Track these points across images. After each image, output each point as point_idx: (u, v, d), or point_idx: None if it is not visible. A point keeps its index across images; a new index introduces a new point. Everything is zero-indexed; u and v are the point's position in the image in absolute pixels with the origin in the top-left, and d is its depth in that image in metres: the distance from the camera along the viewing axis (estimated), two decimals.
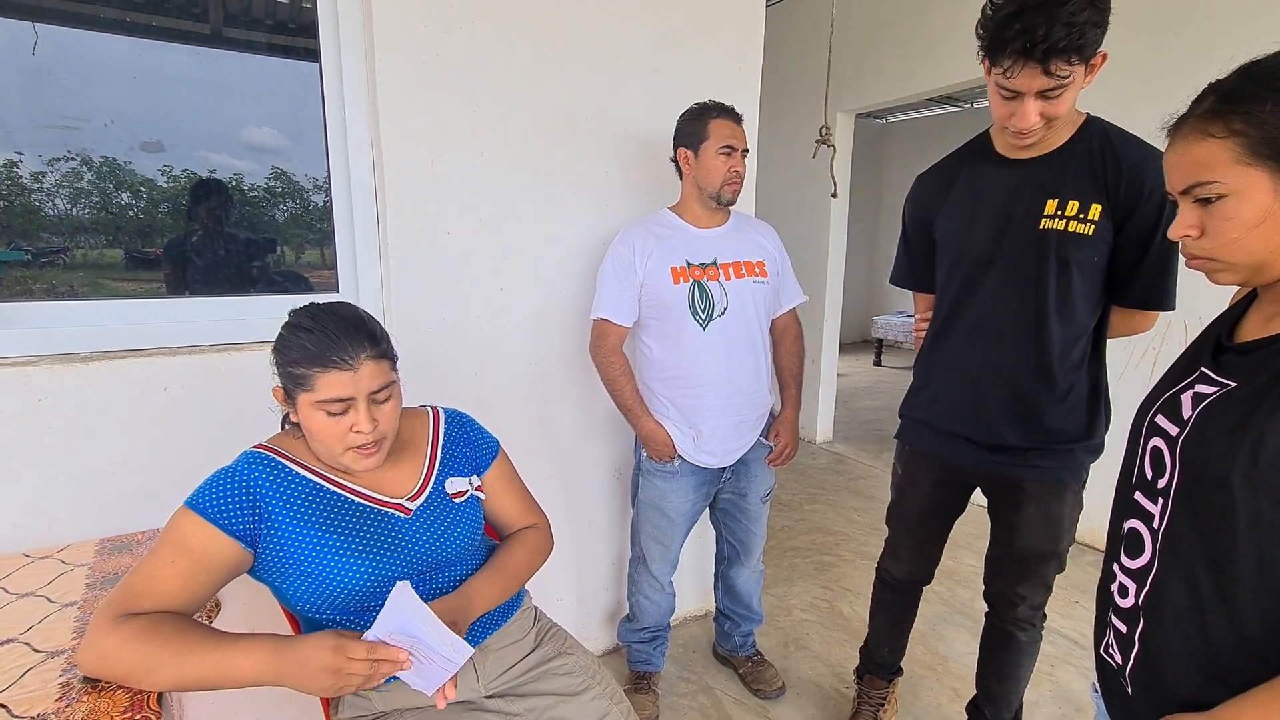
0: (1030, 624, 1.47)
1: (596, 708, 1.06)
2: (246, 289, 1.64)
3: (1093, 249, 1.19)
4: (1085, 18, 1.01)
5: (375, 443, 0.96)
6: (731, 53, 1.97)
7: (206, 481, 0.93)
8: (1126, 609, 0.74)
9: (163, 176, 1.50)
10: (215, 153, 1.54)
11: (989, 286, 1.29)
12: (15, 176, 1.35)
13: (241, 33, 1.56)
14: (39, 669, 0.84)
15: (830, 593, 2.51)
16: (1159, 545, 0.71)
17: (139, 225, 1.53)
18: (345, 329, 0.93)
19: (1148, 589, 0.71)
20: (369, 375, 0.93)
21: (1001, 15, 1.07)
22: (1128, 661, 0.73)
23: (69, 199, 1.42)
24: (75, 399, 1.26)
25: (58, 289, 1.44)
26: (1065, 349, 1.25)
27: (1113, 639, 0.77)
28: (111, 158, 1.43)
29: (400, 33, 1.47)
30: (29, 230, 1.40)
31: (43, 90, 1.33)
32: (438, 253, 1.60)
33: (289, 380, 0.93)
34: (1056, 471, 1.31)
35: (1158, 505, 0.72)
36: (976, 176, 1.32)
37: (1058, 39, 1.02)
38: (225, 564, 0.90)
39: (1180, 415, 0.71)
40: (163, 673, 0.78)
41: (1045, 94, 1.09)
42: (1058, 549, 1.37)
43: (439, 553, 1.04)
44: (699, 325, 1.61)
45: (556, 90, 1.70)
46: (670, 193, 1.94)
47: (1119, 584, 0.76)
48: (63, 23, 1.37)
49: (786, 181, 4.32)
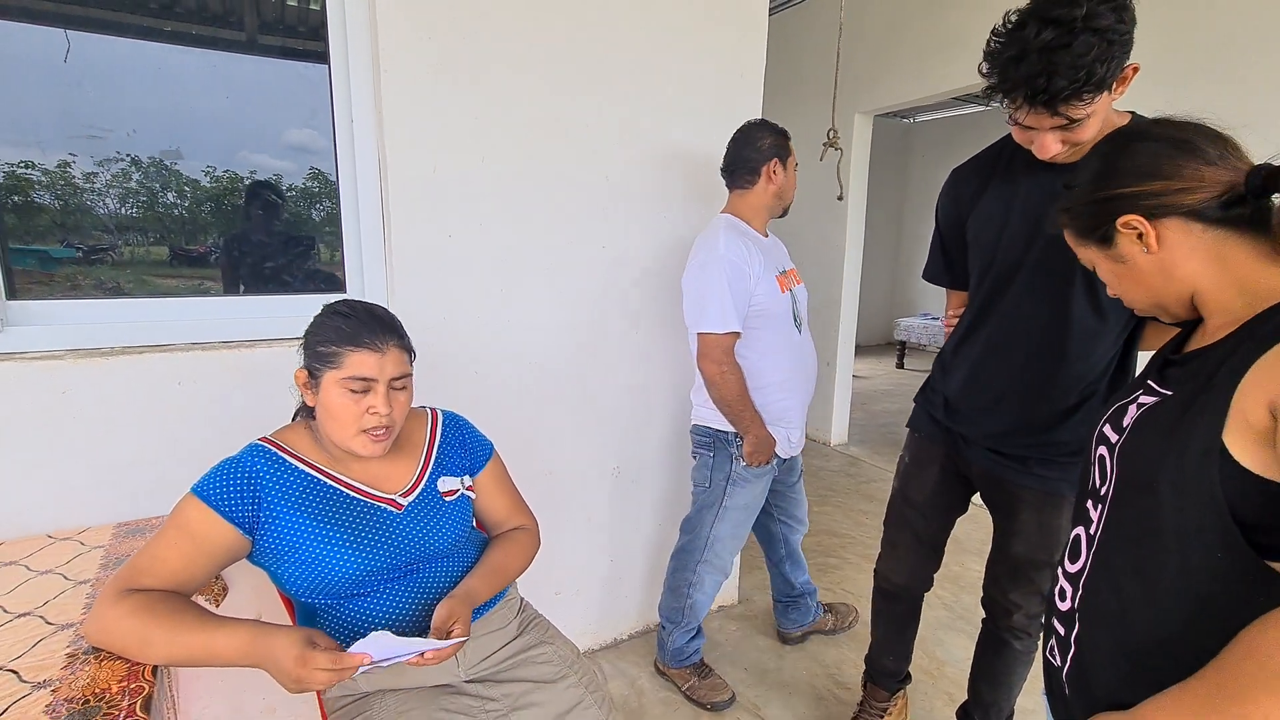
0: (1025, 633, 1.46)
1: (571, 695, 1.10)
2: (277, 287, 1.71)
3: None
4: (1094, 55, 0.93)
5: (386, 428, 1.03)
6: (733, 59, 2.00)
7: (212, 470, 1.00)
8: (1064, 612, 0.76)
9: (206, 177, 1.58)
10: (256, 153, 1.62)
11: (1015, 293, 1.26)
12: (69, 177, 1.44)
13: (276, 39, 1.64)
14: (49, 640, 0.91)
15: (831, 595, 2.51)
16: (1093, 550, 0.72)
17: (183, 223, 1.62)
18: (377, 320, 1.03)
19: (1081, 593, 0.73)
20: (393, 361, 1.02)
21: (1005, 58, 1.00)
22: (1064, 663, 0.75)
23: (118, 198, 1.51)
24: (97, 391, 1.34)
25: (105, 285, 1.53)
26: (1088, 361, 1.21)
27: (1054, 641, 0.79)
28: (158, 158, 1.52)
29: (404, 40, 1.53)
30: (81, 228, 1.49)
31: (72, 101, 1.42)
32: (440, 255, 1.66)
33: (316, 359, 1.00)
34: (1056, 482, 1.29)
35: (1096, 511, 0.73)
36: (1011, 179, 1.26)
37: (1060, 88, 0.96)
38: (224, 548, 0.97)
39: (1121, 424, 0.72)
40: (155, 648, 0.85)
41: (1063, 128, 1.03)
42: (1051, 559, 1.35)
43: (427, 547, 1.09)
44: (796, 329, 1.74)
45: (556, 96, 1.74)
46: (669, 198, 1.98)
47: (1059, 588, 0.78)
48: (94, 30, 1.45)
49: (800, 178, 4.31)
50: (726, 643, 2.19)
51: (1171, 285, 0.74)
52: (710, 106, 1.99)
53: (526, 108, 1.71)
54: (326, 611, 1.06)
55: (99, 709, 0.78)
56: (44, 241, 1.47)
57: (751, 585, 2.55)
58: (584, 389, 1.95)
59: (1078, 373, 1.22)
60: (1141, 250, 0.73)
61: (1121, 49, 0.96)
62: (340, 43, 1.54)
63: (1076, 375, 1.22)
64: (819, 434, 4.45)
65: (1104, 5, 0.94)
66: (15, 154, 1.37)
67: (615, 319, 1.96)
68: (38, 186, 1.42)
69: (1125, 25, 0.95)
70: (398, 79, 1.54)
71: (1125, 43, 0.96)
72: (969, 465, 1.42)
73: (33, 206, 1.43)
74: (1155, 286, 0.75)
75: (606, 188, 1.87)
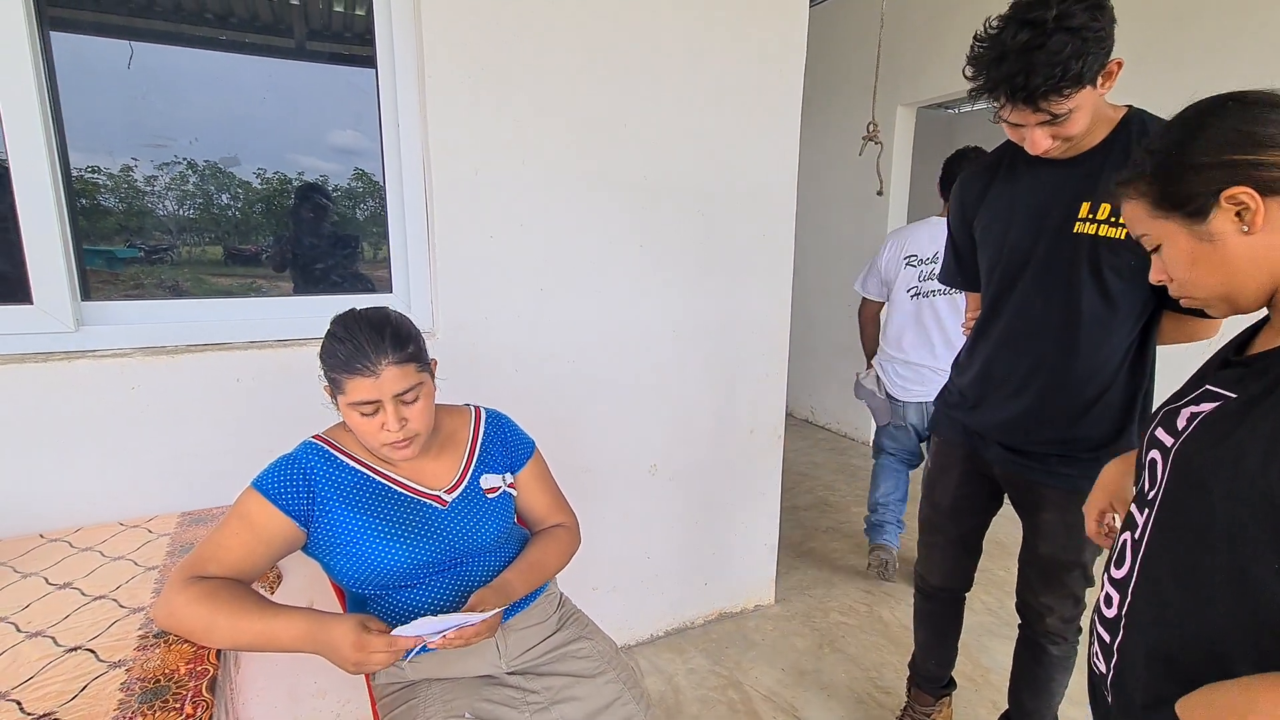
0: (1062, 637, 1.43)
1: (610, 690, 1.12)
2: (327, 286, 1.78)
3: (1128, 254, 1.14)
4: (1070, 51, 0.98)
5: (406, 440, 1.05)
6: (773, 53, 1.98)
7: (270, 466, 1.05)
8: (1110, 619, 0.74)
9: (257, 179, 1.65)
10: (304, 155, 1.69)
11: (1024, 290, 1.27)
12: (131, 181, 1.52)
13: (323, 45, 1.70)
14: (123, 622, 0.97)
15: (872, 597, 2.48)
16: (1140, 556, 0.70)
17: (236, 224, 1.70)
18: (371, 337, 1.00)
19: (1128, 599, 0.71)
20: (391, 380, 1.00)
21: (987, 60, 1.06)
22: (1109, 671, 0.73)
23: (176, 200, 1.59)
24: (163, 387, 1.42)
25: (166, 283, 1.62)
26: (1100, 356, 1.21)
27: (1097, 648, 0.77)
28: (214, 162, 1.59)
29: (447, 45, 1.57)
30: (143, 229, 1.58)
31: (138, 110, 1.50)
32: (481, 255, 1.70)
33: (330, 382, 1.04)
34: (1077, 480, 1.27)
35: (1143, 516, 0.71)
36: (1014, 178, 1.29)
37: (1037, 85, 1.00)
38: (282, 539, 1.01)
39: (1176, 428, 0.70)
40: (219, 633, 0.89)
41: (1049, 123, 1.07)
42: (1080, 559, 1.33)
43: (471, 542, 1.12)
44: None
45: (595, 96, 1.76)
46: (707, 196, 1.98)
47: (1105, 594, 0.76)
48: (155, 40, 1.53)
49: (837, 178, 4.24)
50: (764, 642, 2.19)
51: (1257, 274, 0.66)
52: (750, 102, 1.97)
53: (566, 109, 1.72)
54: (376, 602, 1.10)
55: (169, 689, 0.82)
56: (110, 242, 1.56)
57: (788, 586, 2.53)
58: (621, 388, 1.96)
59: (1092, 365, 1.22)
60: (1239, 230, 0.65)
61: (1097, 45, 0.99)
62: (387, 50, 1.59)
63: (1091, 368, 1.22)
64: (858, 432, 4.38)
65: (1077, 5, 0.98)
66: (83, 159, 1.45)
67: (652, 318, 1.97)
68: (103, 190, 1.50)
69: (1100, 23, 0.99)
70: (441, 84, 1.58)
71: (1100, 39, 1.00)
72: (989, 466, 1.42)
73: (99, 209, 1.52)
74: (1236, 273, 0.67)
75: (645, 187, 1.87)
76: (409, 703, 1.07)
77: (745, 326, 2.14)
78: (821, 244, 4.46)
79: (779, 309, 2.19)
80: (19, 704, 0.79)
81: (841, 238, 4.32)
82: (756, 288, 2.13)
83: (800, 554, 2.81)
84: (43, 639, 0.93)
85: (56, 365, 1.32)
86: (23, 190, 1.31)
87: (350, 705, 1.73)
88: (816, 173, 4.25)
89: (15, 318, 1.33)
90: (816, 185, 4.33)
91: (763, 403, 2.23)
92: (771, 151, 2.05)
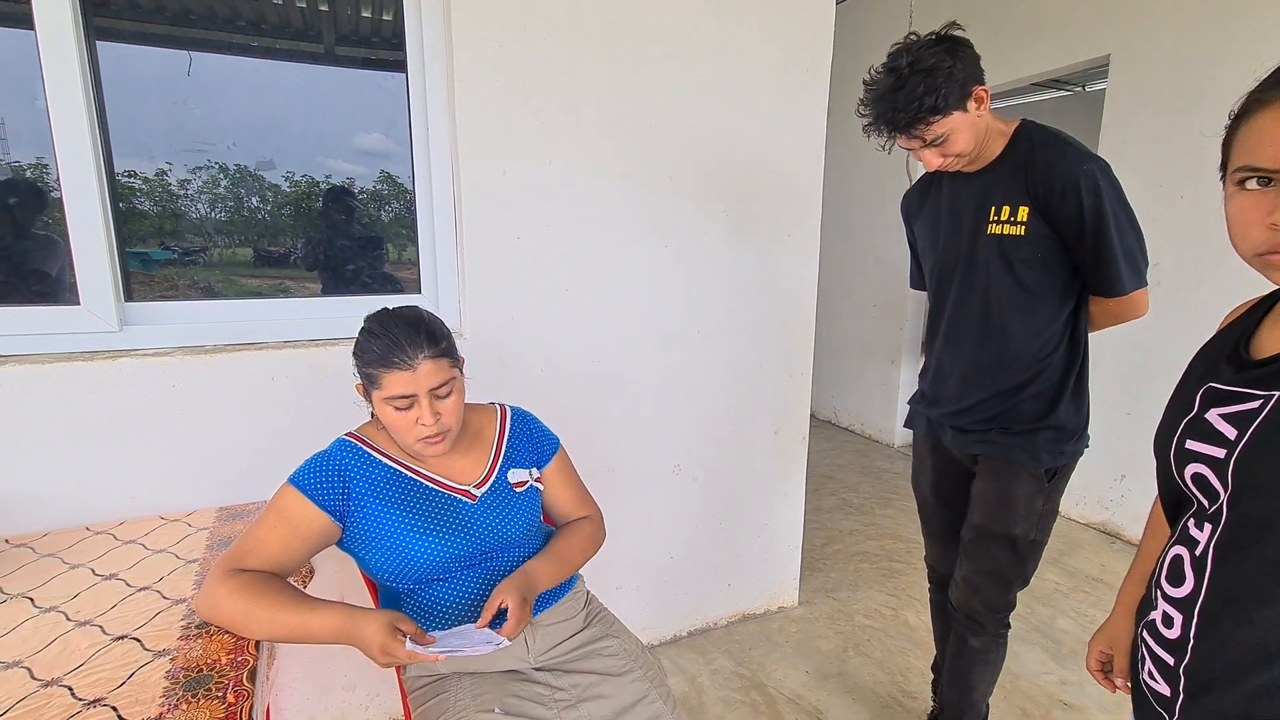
0: (980, 625, 1.47)
1: (636, 689, 1.12)
2: (357, 287, 1.82)
3: (1031, 247, 1.27)
4: (924, 89, 1.17)
5: (440, 434, 1.07)
6: (799, 50, 1.97)
7: (306, 462, 1.08)
8: (1173, 640, 0.71)
9: (285, 182, 1.69)
10: (330, 158, 1.72)
11: (956, 289, 1.42)
12: (166, 184, 1.57)
13: (351, 50, 1.74)
14: (166, 613, 1.00)
15: (897, 600, 2.45)
16: (1209, 574, 0.68)
17: (265, 226, 1.74)
18: (407, 333, 1.03)
19: (1196, 620, 0.68)
20: (427, 374, 1.03)
21: (868, 102, 1.27)
22: (1177, 695, 0.71)
23: (208, 203, 1.64)
24: (201, 385, 1.46)
25: (199, 284, 1.67)
26: (1028, 341, 1.33)
27: (1154, 669, 0.74)
28: (244, 165, 1.64)
29: (477, 48, 1.59)
30: (177, 231, 1.63)
31: (178, 115, 1.55)
32: (508, 256, 1.72)
33: (365, 379, 1.06)
34: (1008, 449, 1.38)
35: (1203, 532, 0.69)
36: (940, 190, 1.45)
37: (902, 119, 1.21)
38: (318, 534, 1.04)
39: (1220, 435, 0.67)
40: (256, 624, 0.92)
41: (932, 145, 1.25)
42: (1008, 531, 1.40)
43: (500, 536, 1.14)
44: None
45: (622, 97, 1.76)
46: (732, 194, 1.97)
47: (1163, 613, 0.73)
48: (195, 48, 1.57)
49: (864, 175, 4.19)
50: (787, 644, 2.18)
51: None
52: (776, 100, 1.97)
53: (592, 109, 1.74)
54: (408, 595, 1.12)
55: (211, 678, 0.85)
56: (145, 245, 1.61)
57: (811, 588, 2.51)
58: (645, 387, 1.97)
59: (1026, 350, 1.33)
60: None
61: (948, 80, 1.18)
62: (417, 54, 1.61)
63: (1025, 352, 1.34)
64: (883, 434, 4.33)
65: (930, 49, 1.19)
66: (122, 164, 1.50)
67: (677, 317, 1.97)
68: (139, 194, 1.55)
69: (951, 61, 1.18)
70: (470, 86, 1.60)
71: (951, 74, 1.18)
72: (949, 450, 1.52)
73: (135, 212, 1.57)
74: None
75: (669, 186, 1.88)
76: (439, 696, 1.09)
77: (770, 326, 2.13)
78: (848, 242, 4.42)
79: (804, 308, 2.18)
80: (70, 689, 0.82)
81: (868, 237, 4.27)
82: (781, 286, 2.12)
83: (824, 556, 2.79)
84: (91, 628, 0.96)
85: (101, 364, 1.37)
86: (71, 196, 1.36)
87: (379, 699, 1.76)
88: (843, 170, 4.21)
89: (64, 318, 1.38)
90: (843, 182, 4.29)
91: (787, 403, 2.22)
92: (797, 149, 2.04)
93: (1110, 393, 2.90)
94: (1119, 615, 0.94)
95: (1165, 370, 2.72)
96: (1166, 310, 2.69)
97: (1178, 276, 2.66)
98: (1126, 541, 2.91)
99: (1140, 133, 2.77)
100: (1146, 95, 2.74)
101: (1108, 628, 0.96)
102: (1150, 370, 2.79)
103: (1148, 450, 0.80)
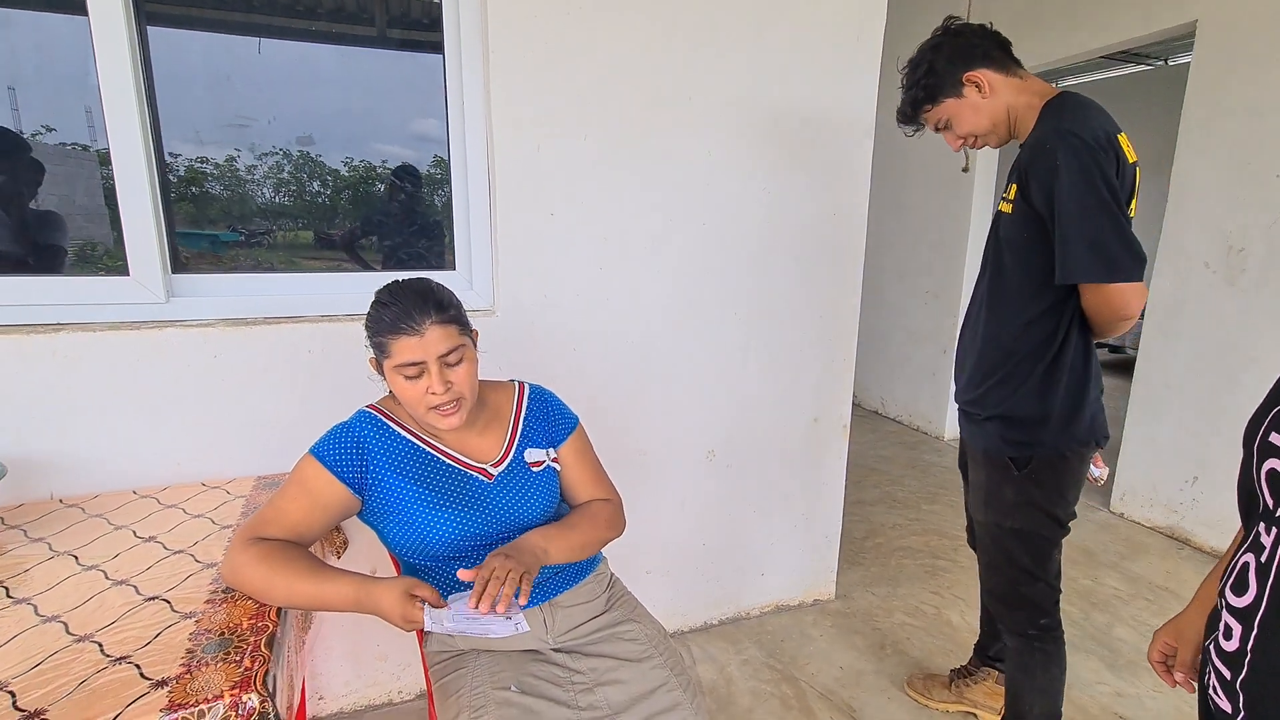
0: (1003, 623, 1.44)
1: (655, 676, 1.09)
2: (394, 265, 1.84)
3: (1018, 227, 1.25)
4: (911, 84, 1.35)
5: (453, 402, 1.05)
6: (850, 18, 1.86)
7: (327, 433, 1.08)
8: (1231, 653, 0.64)
9: (344, 167, 1.72)
10: (386, 144, 1.74)
11: (981, 268, 1.43)
12: (234, 170, 1.62)
13: (401, 32, 1.73)
14: (196, 576, 1.03)
15: (940, 599, 2.35)
16: (1270, 584, 0.60)
17: (325, 210, 1.77)
18: (415, 300, 1.03)
19: (1256, 633, 0.61)
20: (435, 339, 1.02)
21: None
22: (1236, 711, 0.64)
23: (272, 188, 1.68)
24: (242, 357, 1.49)
25: (262, 265, 1.72)
26: (1014, 325, 1.30)
27: (1216, 682, 0.67)
28: (306, 151, 1.67)
29: (511, 25, 1.56)
30: (244, 215, 1.68)
31: (222, 96, 1.58)
32: (542, 234, 1.69)
33: (376, 350, 1.05)
34: (972, 436, 1.42)
35: (1270, 537, 0.61)
36: None
37: (906, 111, 1.38)
38: (337, 504, 1.04)
39: None
40: (276, 591, 0.93)
41: (943, 129, 1.37)
42: (985, 519, 1.41)
43: (517, 515, 1.12)
44: None
45: (659, 72, 1.71)
46: (775, 171, 1.90)
47: (1224, 624, 0.65)
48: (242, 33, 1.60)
49: (918, 154, 4.00)
50: (822, 638, 2.12)
51: None
52: (823, 72, 1.87)
53: (629, 81, 1.68)
54: (428, 573, 1.12)
55: (231, 642, 0.86)
56: (216, 227, 1.67)
57: (849, 582, 2.44)
58: (680, 369, 1.92)
59: (1005, 335, 1.31)
60: None
61: (930, 74, 1.30)
62: (454, 28, 1.59)
63: (1004, 337, 1.31)
64: (932, 426, 4.16)
65: (923, 46, 1.33)
66: (191, 150, 1.55)
67: (715, 298, 1.92)
68: (210, 178, 1.60)
69: (934, 57, 1.30)
70: (505, 60, 1.57)
71: (933, 68, 1.30)
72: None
73: (207, 196, 1.62)
74: None
75: (708, 162, 1.81)
76: (457, 671, 1.08)
77: (811, 310, 2.05)
78: (900, 225, 4.24)
79: (849, 293, 2.09)
80: (100, 645, 0.85)
81: (922, 218, 4.08)
82: (825, 269, 2.03)
83: (864, 550, 2.71)
84: (126, 587, 0.99)
85: (149, 333, 1.41)
86: (122, 173, 1.40)
87: (409, 669, 1.79)
88: (895, 148, 4.02)
89: (114, 288, 1.43)
90: (895, 161, 4.10)
91: (828, 390, 2.14)
92: (845, 123, 1.94)
93: (1181, 386, 2.69)
94: (1192, 609, 0.87)
95: (1249, 363, 2.50)
96: (1255, 300, 2.47)
97: (1269, 263, 2.44)
98: (1196, 548, 2.71)
99: (1229, 106, 2.53)
100: (1237, 65, 2.50)
101: (1178, 620, 0.90)
102: (1231, 363, 2.57)
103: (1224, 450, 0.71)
